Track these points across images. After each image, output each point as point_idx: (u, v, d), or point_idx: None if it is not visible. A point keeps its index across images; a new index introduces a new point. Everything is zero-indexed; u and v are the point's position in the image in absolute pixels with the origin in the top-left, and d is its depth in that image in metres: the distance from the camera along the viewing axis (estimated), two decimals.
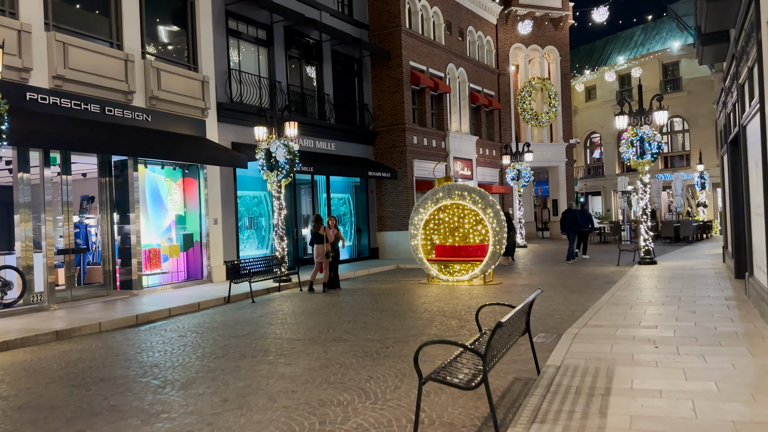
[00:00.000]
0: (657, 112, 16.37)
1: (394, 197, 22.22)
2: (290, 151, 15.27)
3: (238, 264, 13.68)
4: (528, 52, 30.58)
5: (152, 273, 14.88)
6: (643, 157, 16.26)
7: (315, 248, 14.10)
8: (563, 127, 31.38)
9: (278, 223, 15.61)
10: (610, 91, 42.89)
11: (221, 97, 16.60)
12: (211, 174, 16.20)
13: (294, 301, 12.64)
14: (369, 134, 22.24)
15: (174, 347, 8.40)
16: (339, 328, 9.23)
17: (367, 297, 12.79)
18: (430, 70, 23.90)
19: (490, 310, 10.10)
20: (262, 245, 18.55)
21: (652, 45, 41.61)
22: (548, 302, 11.08)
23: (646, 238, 16.55)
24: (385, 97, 22.39)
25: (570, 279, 14.69)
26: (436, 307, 11.03)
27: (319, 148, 20.01)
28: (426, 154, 23.26)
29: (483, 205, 14.34)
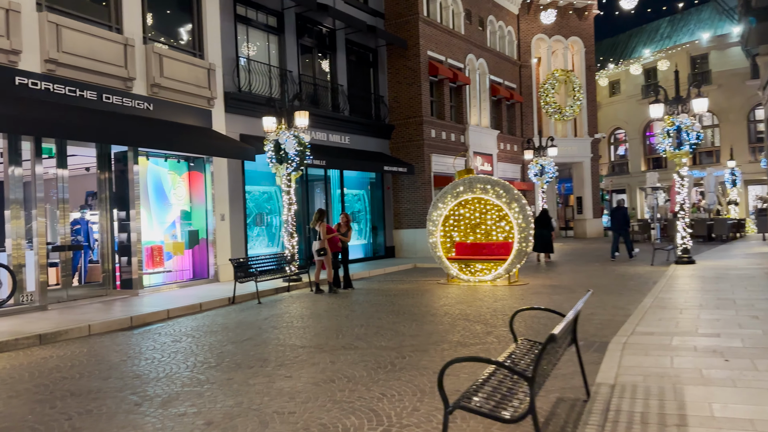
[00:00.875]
0: (695, 100, 15.15)
1: (411, 193, 21.19)
2: (300, 143, 14.33)
3: (244, 262, 12.76)
4: (551, 43, 29.36)
5: (154, 272, 14.02)
6: (681, 148, 15.07)
7: (314, 245, 13.28)
8: (588, 121, 30.09)
9: (288, 219, 14.67)
10: (635, 85, 41.43)
11: (228, 86, 15.71)
12: (218, 167, 15.32)
13: (303, 303, 11.68)
14: (385, 128, 21.25)
15: (164, 354, 7.47)
16: (350, 334, 8.23)
17: (382, 298, 11.79)
18: (449, 61, 22.83)
19: (521, 314, 9.03)
20: (272, 243, 17.64)
21: (679, 37, 40.08)
22: (584, 305, 9.97)
23: (684, 235, 15.33)
24: (401, 88, 21.37)
25: (602, 279, 13.55)
26: (457, 309, 9.99)
27: (333, 141, 19.05)
28: (444, 148, 22.19)
29: (508, 199, 13.26)
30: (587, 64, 30.26)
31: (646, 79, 40.92)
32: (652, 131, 41.80)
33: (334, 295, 12.71)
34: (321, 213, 13.24)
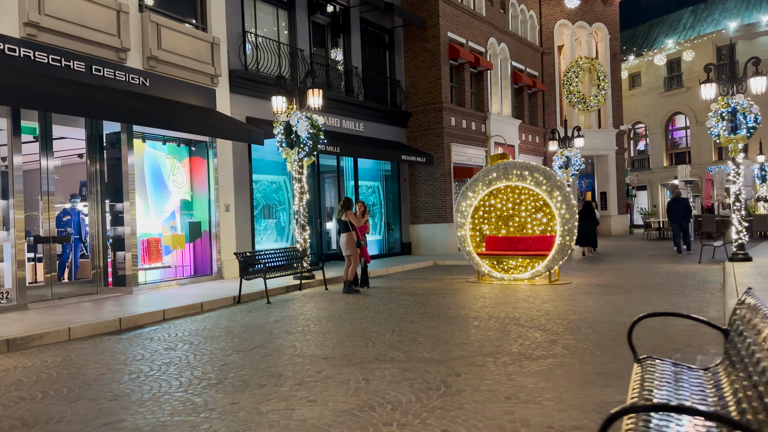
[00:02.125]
0: (753, 79, 13.60)
1: (429, 186, 19.70)
2: (313, 125, 12.86)
3: (251, 257, 11.30)
4: (574, 30, 27.81)
5: (151, 267, 12.58)
6: (737, 133, 13.52)
7: (342, 238, 11.64)
8: (613, 111, 28.52)
9: (299, 210, 13.20)
10: (657, 77, 39.79)
11: (234, 63, 14.26)
12: (223, 153, 13.87)
13: (318, 303, 10.21)
14: (401, 115, 19.76)
15: (154, 366, 6.01)
16: (380, 341, 6.75)
17: (408, 298, 10.30)
18: (470, 44, 21.33)
19: (599, 323, 7.53)
20: (281, 237, 16.18)
21: (703, 27, 38.43)
22: (648, 307, 8.47)
23: (739, 230, 13.78)
24: (419, 73, 19.88)
25: (653, 278, 12.03)
26: (501, 312, 8.50)
27: (346, 128, 17.58)
28: (465, 137, 20.69)
29: (549, 187, 11.75)
30: (612, 51, 28.68)
31: (669, 71, 39.29)
32: (675, 125, 40.18)
33: (354, 294, 11.23)
34: (348, 202, 11.62)
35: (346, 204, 11.51)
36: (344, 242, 11.44)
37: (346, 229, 11.42)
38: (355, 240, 11.35)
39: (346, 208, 11.45)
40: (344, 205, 11.50)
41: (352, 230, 11.37)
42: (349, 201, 11.58)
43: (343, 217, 11.41)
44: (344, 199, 11.70)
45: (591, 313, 8.19)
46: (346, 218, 11.37)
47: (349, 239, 11.38)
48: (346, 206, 11.47)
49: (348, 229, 11.40)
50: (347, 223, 11.38)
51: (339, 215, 11.54)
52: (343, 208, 11.46)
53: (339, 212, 11.56)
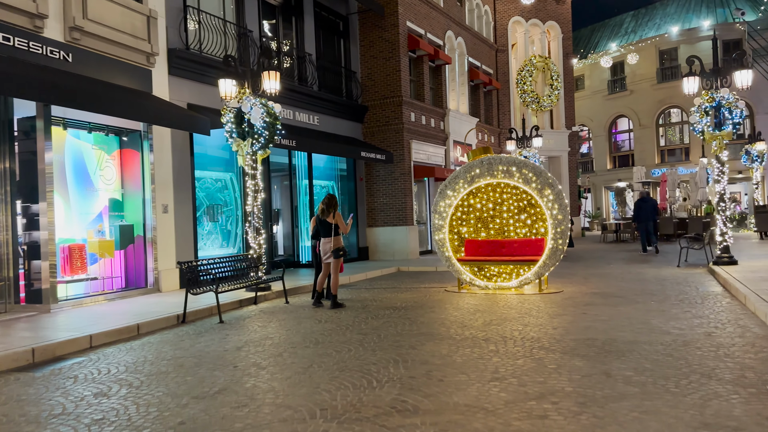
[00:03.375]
0: (738, 72, 12.92)
1: (387, 185, 18.27)
2: (269, 112, 11.17)
3: (197, 266, 9.48)
4: (528, 27, 27.11)
5: (74, 279, 10.53)
6: (722, 129, 12.78)
7: (321, 243, 9.97)
8: (566, 112, 28.01)
9: (254, 210, 11.45)
10: (601, 80, 40.02)
11: (174, 41, 12.35)
12: (160, 145, 11.93)
13: (283, 321, 8.53)
14: (358, 108, 18.23)
15: (79, 428, 4.24)
16: (387, 378, 5.21)
17: (390, 313, 8.78)
18: (428, 36, 20.07)
19: (632, 342, 6.24)
20: (227, 242, 14.31)
21: (645, 32, 38.93)
22: (675, 320, 7.32)
23: (724, 231, 13.05)
24: (376, 64, 18.43)
25: (646, 284, 11.03)
26: (511, 330, 7.13)
27: (300, 120, 15.90)
28: (425, 134, 19.39)
29: (539, 185, 10.53)
30: (565, 51, 28.21)
31: (613, 75, 39.56)
32: (618, 128, 40.52)
33: (335, 310, 9.62)
34: (333, 201, 9.83)
35: (331, 202, 9.80)
36: (329, 248, 9.75)
37: (330, 233, 9.74)
38: (336, 247, 9.70)
39: (333, 207, 9.75)
40: (329, 203, 9.77)
41: (336, 235, 9.74)
42: (335, 199, 9.92)
43: (330, 219, 9.74)
44: (328, 196, 9.96)
45: (617, 330, 6.94)
46: (333, 220, 9.70)
47: (328, 246, 9.74)
48: (332, 205, 9.75)
49: (332, 233, 9.73)
50: (333, 226, 9.72)
51: (323, 215, 9.88)
52: (329, 207, 9.74)
53: (322, 212, 9.89)
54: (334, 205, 9.75)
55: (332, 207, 9.72)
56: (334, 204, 9.75)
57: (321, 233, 9.87)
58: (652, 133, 37.66)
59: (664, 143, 37.92)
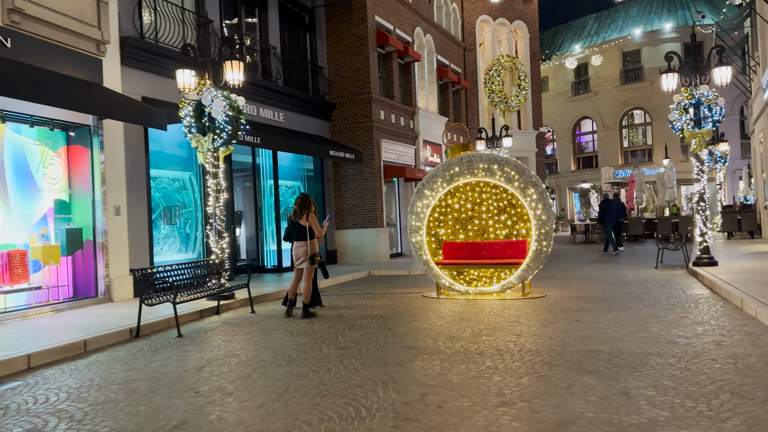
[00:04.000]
0: (718, 69, 12.64)
1: (357, 186, 17.53)
2: (233, 106, 10.33)
3: (152, 273, 8.58)
4: (495, 26, 26.76)
5: (14, 290, 9.47)
6: (701, 126, 12.48)
7: (294, 247, 9.13)
8: (533, 113, 27.77)
9: (215, 212, 10.56)
10: (564, 82, 40.16)
11: (127, 29, 11.38)
12: (112, 141, 10.95)
13: (250, 334, 7.71)
14: (325, 106, 17.45)
15: None
16: (377, 403, 4.49)
17: (368, 323, 8.05)
18: (397, 31, 19.44)
19: (653, 355, 5.66)
20: (186, 247, 13.35)
21: (608, 34, 39.20)
22: (677, 327, 6.81)
23: (704, 231, 12.75)
24: (344, 59, 17.69)
25: (631, 287, 10.58)
26: (505, 341, 6.49)
27: (264, 117, 15.03)
28: (394, 133, 18.74)
29: (522, 184, 9.97)
30: (532, 51, 27.98)
31: (577, 76, 39.72)
32: (581, 130, 40.71)
33: (290, 318, 8.83)
34: (307, 200, 9.01)
35: (304, 203, 8.97)
36: (302, 253, 8.92)
37: (304, 236, 8.91)
38: (312, 253, 8.89)
39: (307, 208, 8.91)
40: (303, 203, 8.95)
41: (311, 238, 8.93)
42: (308, 199, 9.11)
43: (303, 221, 8.91)
44: (302, 195, 9.15)
45: (619, 340, 6.38)
46: (306, 223, 8.87)
47: (302, 250, 8.91)
48: (305, 206, 8.93)
49: (306, 236, 8.91)
50: (307, 229, 8.89)
51: (295, 217, 9.07)
52: (302, 208, 8.92)
53: (295, 213, 9.08)
54: (308, 205, 8.96)
55: (305, 208, 8.92)
56: (307, 204, 8.95)
57: (293, 236, 9.08)
58: (615, 135, 37.93)
59: (628, 144, 38.23)
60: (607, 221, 18.39)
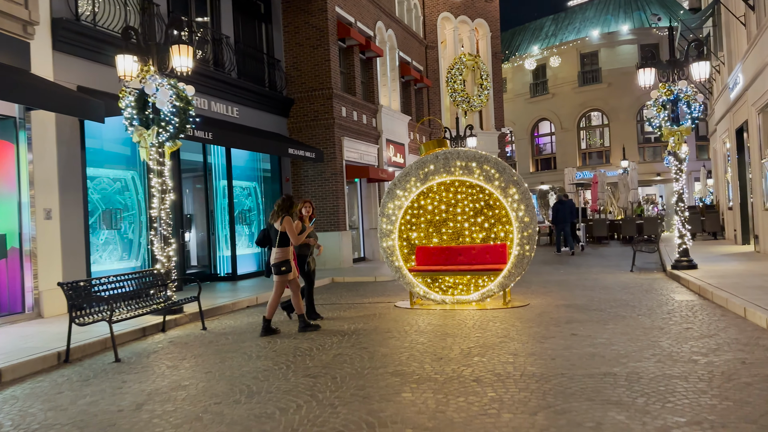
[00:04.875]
0: (696, 64, 12.16)
1: (317, 187, 16.49)
2: (180, 95, 9.20)
3: (86, 286, 7.38)
4: (457, 24, 26.12)
5: None
6: (680, 124, 11.97)
7: (273, 254, 7.98)
8: (495, 113, 27.25)
9: (160, 215, 9.38)
10: (523, 83, 40.00)
11: (60, 10, 10.07)
12: (42, 135, 9.62)
13: (201, 357, 6.60)
14: (282, 101, 16.35)
15: None
16: None
17: (340, 341, 7.06)
18: (359, 25, 18.50)
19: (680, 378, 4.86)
20: (129, 254, 12.04)
21: (565, 35, 39.22)
22: (686, 341, 6.08)
23: (683, 233, 12.24)
24: (303, 52, 16.63)
25: (614, 293, 9.92)
26: (502, 362, 5.63)
27: (217, 112, 13.85)
28: (356, 131, 17.78)
29: (503, 183, 9.16)
30: (493, 50, 27.47)
31: (535, 78, 39.61)
32: (539, 131, 40.63)
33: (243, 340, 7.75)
34: (285, 202, 7.91)
35: (283, 205, 7.88)
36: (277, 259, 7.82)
37: (281, 243, 7.82)
38: (284, 261, 7.82)
39: (286, 211, 7.83)
40: (283, 205, 7.88)
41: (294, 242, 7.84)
42: (289, 201, 7.98)
43: (277, 225, 7.83)
44: (283, 196, 8.09)
45: (631, 358, 5.59)
46: (282, 227, 7.78)
47: (279, 257, 7.80)
48: (283, 208, 7.85)
49: (283, 243, 7.82)
50: (281, 234, 7.80)
51: (272, 219, 7.99)
52: (279, 210, 7.85)
53: (272, 215, 8.02)
54: (286, 208, 7.86)
55: (282, 210, 7.83)
56: (285, 207, 7.86)
57: (270, 241, 8.12)
58: (573, 137, 37.94)
59: (585, 146, 38.29)
60: (561, 222, 18.75)
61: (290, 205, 7.87)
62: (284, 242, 7.78)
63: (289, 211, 7.83)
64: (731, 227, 19.55)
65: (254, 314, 9.55)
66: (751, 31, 14.36)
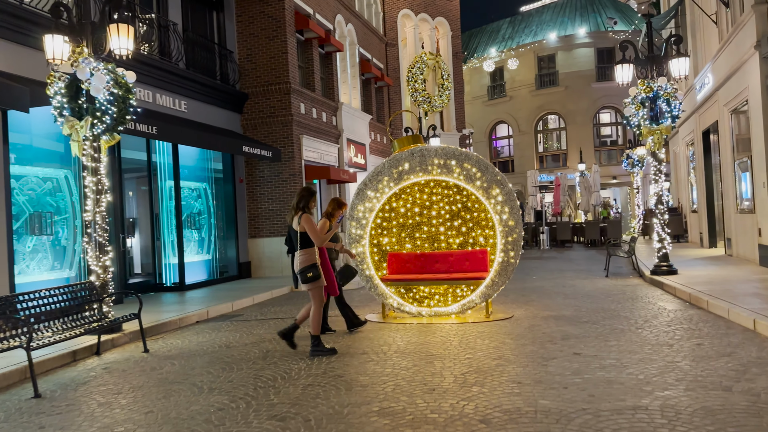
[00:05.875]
0: (675, 60, 11.66)
1: (274, 188, 15.35)
2: (119, 82, 8.00)
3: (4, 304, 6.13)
4: (417, 22, 25.37)
5: None
6: (660, 122, 11.43)
7: (297, 258, 6.67)
8: (456, 114, 26.62)
9: (95, 219, 8.13)
10: (481, 86, 39.68)
11: None
12: None
13: (141, 391, 5.47)
14: (235, 96, 15.16)
15: None
16: None
17: (309, 369, 6.03)
18: (317, 17, 17.46)
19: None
20: (62, 264, 10.68)
21: (522, 38, 39.08)
22: (695, 360, 5.34)
23: (662, 237, 11.69)
24: (258, 43, 15.48)
25: (602, 302, 9.23)
26: (512, 395, 4.74)
27: (162, 105, 12.57)
28: (316, 130, 16.72)
29: (485, 183, 8.32)
30: (454, 50, 26.84)
31: (493, 80, 39.32)
32: (497, 134, 40.38)
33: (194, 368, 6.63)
34: (303, 194, 6.66)
35: (304, 197, 6.63)
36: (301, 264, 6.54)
37: (303, 245, 6.57)
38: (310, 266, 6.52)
39: (304, 205, 6.61)
40: (299, 200, 6.64)
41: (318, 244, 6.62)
42: (307, 193, 6.70)
43: (294, 224, 6.60)
44: (303, 188, 6.84)
45: (656, 384, 4.81)
46: (298, 227, 6.56)
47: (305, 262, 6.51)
48: (303, 201, 6.61)
49: (305, 245, 6.57)
50: (301, 235, 6.56)
51: (290, 219, 6.75)
52: (297, 205, 6.63)
53: (291, 213, 6.74)
54: (305, 200, 6.59)
55: (299, 206, 6.60)
56: (305, 200, 6.60)
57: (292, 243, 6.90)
58: (531, 140, 37.80)
59: (543, 149, 38.22)
60: None
61: (307, 196, 6.62)
62: (307, 243, 6.52)
63: (307, 206, 6.60)
64: (695, 230, 19.38)
65: (205, 332, 8.41)
66: (723, 30, 14.04)
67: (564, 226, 22.14)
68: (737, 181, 13.77)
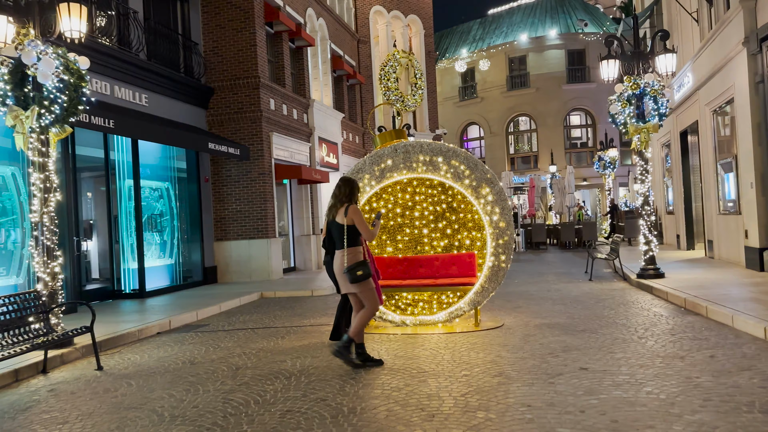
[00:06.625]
0: (662, 56, 11.30)
1: (242, 188, 14.53)
2: (70, 67, 7.18)
3: None
4: (390, 19, 24.79)
5: None
6: (648, 120, 11.04)
7: (337, 261, 5.94)
8: (429, 114, 26.11)
9: (42, 220, 7.28)
10: (452, 87, 39.33)
11: None
12: None
13: (91, 418, 4.71)
14: (200, 90, 14.31)
15: None
16: None
17: (286, 391, 5.33)
18: (288, 9, 16.70)
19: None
20: (8, 270, 9.72)
21: (492, 39, 38.86)
22: (715, 375, 4.84)
23: (649, 239, 11.30)
24: (225, 35, 14.66)
25: (594, 308, 8.75)
26: (524, 421, 4.13)
27: (121, 98, 11.68)
28: (286, 127, 15.96)
29: (474, 181, 7.73)
30: (427, 48, 26.35)
31: (464, 81, 39.01)
32: (468, 136, 40.10)
33: (159, 387, 5.87)
34: (346, 186, 5.95)
35: (343, 191, 5.93)
36: (340, 266, 5.85)
37: (350, 242, 5.81)
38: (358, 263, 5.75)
39: (348, 198, 5.91)
40: (340, 192, 5.95)
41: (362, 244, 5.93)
42: (350, 184, 5.97)
43: (340, 218, 5.86)
44: (343, 179, 6.11)
45: (692, 410, 4.27)
46: (345, 220, 5.82)
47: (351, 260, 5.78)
48: (346, 194, 5.92)
49: (352, 242, 5.81)
50: (345, 230, 5.81)
51: (330, 213, 5.98)
52: (339, 198, 5.93)
53: (330, 209, 5.98)
54: (349, 194, 5.90)
55: (344, 198, 5.89)
56: (348, 193, 5.90)
57: (334, 242, 6.00)
58: (502, 141, 37.60)
59: (513, 151, 38.05)
60: None
61: (352, 189, 5.93)
62: (354, 239, 5.79)
63: (352, 197, 5.90)
64: (671, 232, 19.21)
65: (166, 345, 7.62)
66: (705, 28, 13.81)
67: (539, 228, 21.82)
68: (720, 182, 13.53)
